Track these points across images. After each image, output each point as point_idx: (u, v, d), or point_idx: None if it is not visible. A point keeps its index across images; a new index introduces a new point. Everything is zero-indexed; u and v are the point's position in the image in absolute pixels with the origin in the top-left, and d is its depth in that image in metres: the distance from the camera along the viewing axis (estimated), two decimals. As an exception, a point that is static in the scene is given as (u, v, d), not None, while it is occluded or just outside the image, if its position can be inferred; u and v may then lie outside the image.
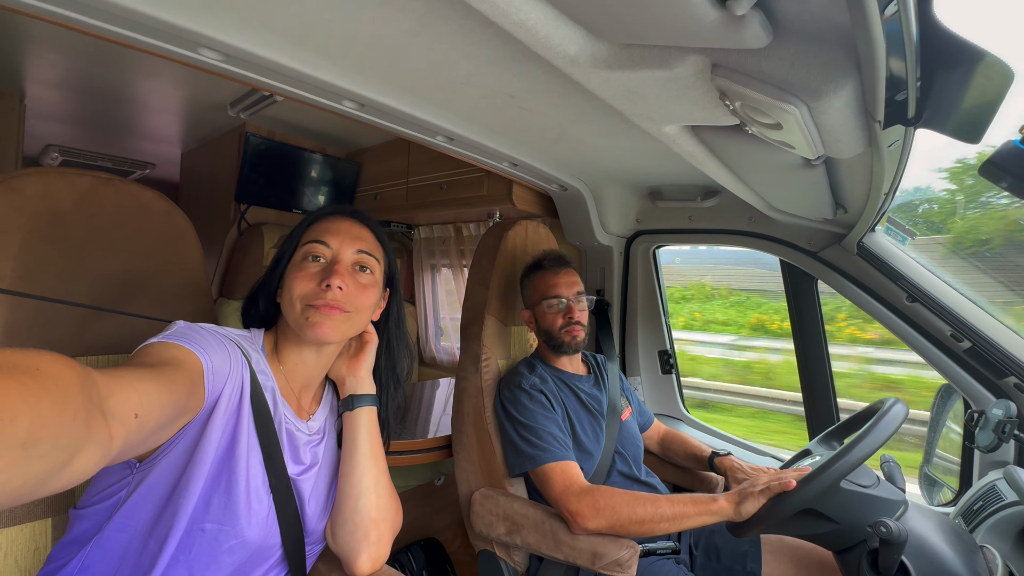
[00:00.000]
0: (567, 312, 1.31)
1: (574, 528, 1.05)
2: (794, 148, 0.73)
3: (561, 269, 1.35)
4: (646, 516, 1.00)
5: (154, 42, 0.79)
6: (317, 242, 0.79)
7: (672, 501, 1.02)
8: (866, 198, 0.99)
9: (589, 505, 1.04)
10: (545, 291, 1.33)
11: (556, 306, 1.32)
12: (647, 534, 1.01)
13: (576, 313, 1.31)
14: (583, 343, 1.33)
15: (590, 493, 1.06)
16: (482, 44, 0.80)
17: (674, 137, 0.94)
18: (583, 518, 1.03)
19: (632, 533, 1.02)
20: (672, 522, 1.00)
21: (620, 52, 0.64)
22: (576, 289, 1.33)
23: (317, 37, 0.81)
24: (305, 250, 0.79)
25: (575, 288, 1.33)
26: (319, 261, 0.79)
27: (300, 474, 0.78)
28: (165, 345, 0.62)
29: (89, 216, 0.85)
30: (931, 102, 0.56)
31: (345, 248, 0.80)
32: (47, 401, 0.36)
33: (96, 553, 0.64)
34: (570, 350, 1.33)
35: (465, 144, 1.27)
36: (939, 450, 1.29)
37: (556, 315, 1.32)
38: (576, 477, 1.10)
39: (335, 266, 0.77)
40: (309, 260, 0.78)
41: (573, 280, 1.34)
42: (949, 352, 1.21)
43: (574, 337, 1.31)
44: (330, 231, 0.80)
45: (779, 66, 0.53)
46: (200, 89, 1.93)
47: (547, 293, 1.33)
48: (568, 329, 1.31)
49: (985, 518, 0.98)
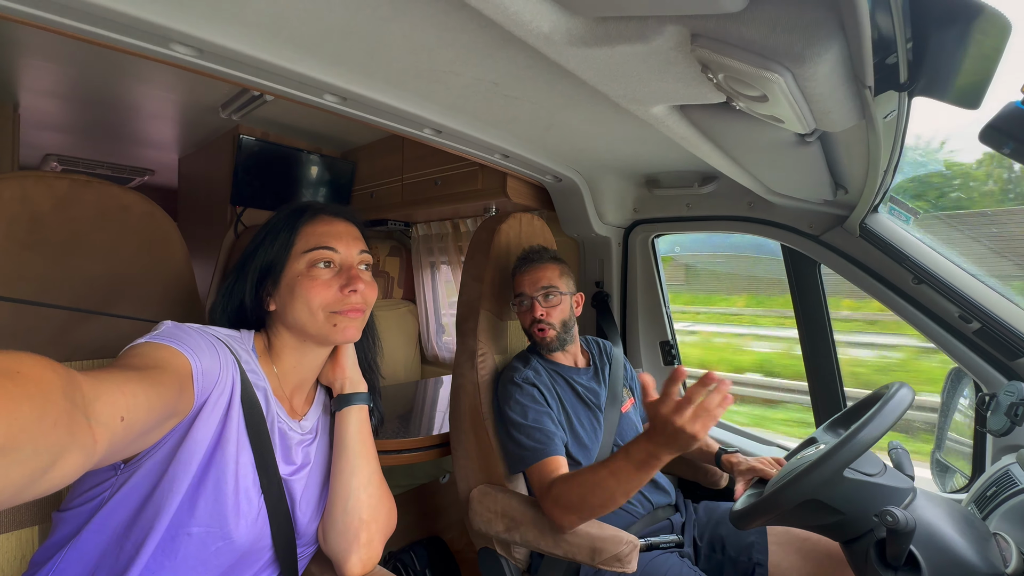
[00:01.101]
0: (531, 310, 1.28)
1: (558, 529, 1.04)
2: (783, 122, 0.70)
3: (528, 267, 1.32)
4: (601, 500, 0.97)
5: (124, 39, 0.77)
6: (325, 248, 0.78)
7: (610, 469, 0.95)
8: (865, 176, 0.96)
9: (555, 506, 1.03)
10: (514, 290, 1.34)
11: (522, 305, 1.31)
12: (612, 509, 0.98)
13: (539, 311, 1.27)
14: (556, 343, 1.29)
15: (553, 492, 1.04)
16: (459, 29, 0.77)
17: (663, 119, 0.91)
18: (558, 521, 1.03)
19: (601, 514, 1.00)
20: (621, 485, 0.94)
21: (596, 26, 0.61)
22: (541, 285, 1.28)
23: (290, 28, 0.80)
24: (312, 257, 0.77)
25: (539, 284, 1.29)
26: (329, 267, 0.78)
27: (292, 474, 0.77)
28: (153, 346, 0.61)
29: (69, 219, 0.84)
30: (925, 65, 0.53)
31: (352, 250, 0.80)
32: (27, 405, 0.35)
33: (73, 555, 0.63)
34: (544, 348, 1.30)
35: (453, 136, 1.25)
36: (951, 434, 1.25)
37: (524, 314, 1.31)
38: (548, 476, 1.08)
39: (351, 271, 0.78)
40: (320, 267, 0.77)
41: (538, 277, 1.30)
42: (958, 334, 1.17)
43: (543, 338, 1.28)
44: (332, 235, 0.79)
45: (759, 31, 0.50)
46: (192, 92, 1.93)
47: (515, 292, 1.33)
48: (533, 329, 1.29)
49: (999, 504, 0.95)
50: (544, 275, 1.30)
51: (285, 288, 0.77)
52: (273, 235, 0.80)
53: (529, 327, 1.31)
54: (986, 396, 1.06)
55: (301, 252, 0.77)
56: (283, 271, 0.78)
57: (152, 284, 0.93)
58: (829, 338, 1.46)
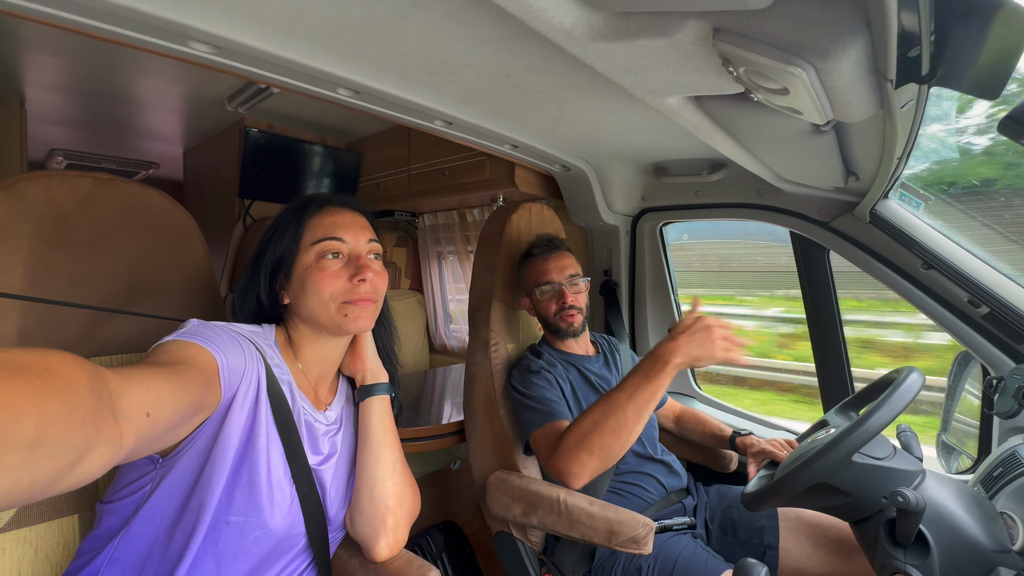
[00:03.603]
0: (560, 297, 1.30)
1: (572, 486, 1.03)
2: (802, 113, 0.71)
3: (551, 254, 1.33)
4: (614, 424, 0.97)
5: (144, 37, 0.78)
6: (332, 239, 0.78)
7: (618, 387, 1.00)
8: (878, 163, 0.96)
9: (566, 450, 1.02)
10: (537, 278, 1.33)
11: (549, 292, 1.31)
12: (626, 438, 0.98)
13: (569, 297, 1.29)
14: (582, 327, 1.32)
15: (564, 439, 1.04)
16: (476, 23, 0.77)
17: (677, 109, 0.91)
18: (567, 468, 1.01)
19: (617, 453, 0.99)
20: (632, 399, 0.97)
21: (617, 21, 0.62)
22: (568, 272, 1.31)
23: (306, 24, 0.80)
24: (320, 248, 0.78)
25: (567, 271, 1.31)
26: (338, 257, 0.79)
27: (320, 464, 0.80)
28: (179, 344, 0.63)
29: (94, 218, 0.85)
30: (946, 57, 0.53)
31: (360, 240, 0.81)
32: (55, 401, 0.36)
33: (124, 546, 0.66)
34: (568, 335, 1.32)
35: (464, 128, 1.25)
36: (957, 415, 1.27)
37: (550, 301, 1.31)
38: (555, 433, 1.09)
39: (359, 260, 0.79)
40: (328, 258, 0.78)
41: (564, 264, 1.32)
42: (967, 318, 1.18)
43: (570, 323, 1.30)
44: (339, 225, 0.80)
45: (784, 26, 0.50)
46: (196, 85, 1.92)
47: (539, 280, 1.32)
48: (562, 315, 1.30)
49: (1005, 484, 0.97)
50: (569, 262, 1.33)
51: (297, 281, 0.78)
52: (282, 229, 0.81)
53: (555, 314, 1.31)
54: (994, 379, 1.08)
55: (309, 244, 0.78)
56: (294, 264, 0.79)
57: (174, 279, 0.95)
58: (837, 324, 1.48)
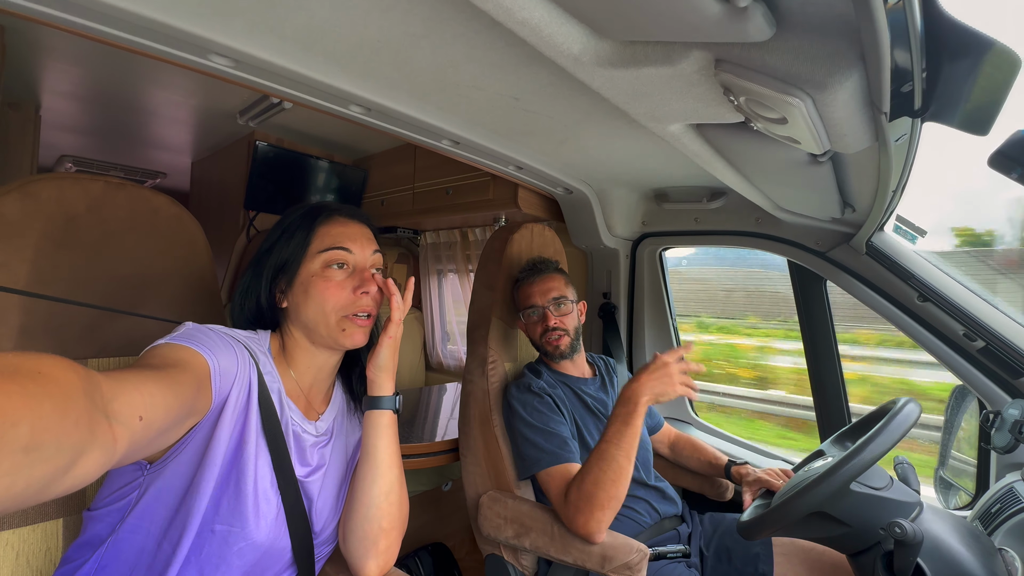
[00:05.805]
0: (543, 320, 1.30)
1: (598, 542, 1.04)
2: (800, 143, 0.73)
3: (535, 278, 1.34)
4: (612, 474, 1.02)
5: (166, 49, 0.80)
6: (339, 249, 0.78)
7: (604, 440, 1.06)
8: (874, 195, 0.99)
9: (578, 511, 1.03)
10: (523, 302, 1.35)
11: (533, 316, 1.32)
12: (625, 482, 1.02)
13: (552, 320, 1.29)
14: (570, 348, 1.31)
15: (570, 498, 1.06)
16: (487, 47, 0.80)
17: (679, 136, 0.94)
18: (584, 527, 1.02)
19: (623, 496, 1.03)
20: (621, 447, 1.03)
21: (623, 50, 0.64)
22: (552, 295, 1.31)
23: (325, 42, 0.83)
24: (327, 257, 0.77)
25: (551, 294, 1.31)
26: (343, 268, 0.78)
27: (307, 476, 0.78)
28: (172, 347, 0.62)
29: (102, 220, 0.86)
30: (938, 93, 0.56)
31: (365, 252, 0.80)
32: (49, 404, 0.36)
33: (111, 554, 0.65)
34: (557, 357, 1.32)
35: (471, 148, 1.28)
36: (955, 452, 1.27)
37: (536, 325, 1.32)
38: (565, 482, 1.09)
39: (363, 272, 0.79)
40: (334, 268, 0.77)
41: (548, 287, 1.32)
42: (962, 352, 1.19)
43: (556, 346, 1.30)
44: (346, 236, 0.80)
45: (783, 59, 0.53)
46: (211, 98, 1.97)
47: (524, 304, 1.34)
48: (547, 337, 1.30)
49: (1003, 521, 0.96)
50: (553, 285, 1.33)
51: (299, 287, 0.77)
52: (289, 234, 0.80)
53: (541, 337, 1.32)
54: (990, 414, 1.07)
55: (316, 252, 0.78)
56: (298, 270, 0.78)
57: (177, 284, 0.95)
58: (834, 353, 1.48)
